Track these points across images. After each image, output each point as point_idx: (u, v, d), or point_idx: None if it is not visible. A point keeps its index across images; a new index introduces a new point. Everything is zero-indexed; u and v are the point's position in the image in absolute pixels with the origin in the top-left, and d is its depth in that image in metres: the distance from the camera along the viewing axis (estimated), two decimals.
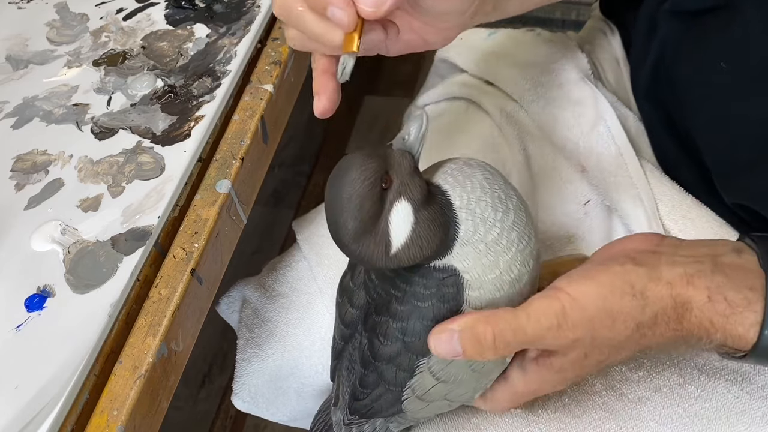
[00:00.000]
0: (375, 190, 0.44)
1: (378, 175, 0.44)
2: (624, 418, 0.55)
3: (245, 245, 0.64)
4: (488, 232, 0.47)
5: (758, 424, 0.54)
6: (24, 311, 0.52)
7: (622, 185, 0.65)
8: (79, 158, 0.60)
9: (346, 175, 0.44)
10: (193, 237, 0.55)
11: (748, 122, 0.57)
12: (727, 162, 0.60)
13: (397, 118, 0.94)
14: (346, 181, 0.44)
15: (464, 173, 0.48)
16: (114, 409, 0.48)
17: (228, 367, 1.27)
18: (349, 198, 0.44)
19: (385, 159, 0.45)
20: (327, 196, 0.45)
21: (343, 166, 0.45)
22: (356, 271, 0.52)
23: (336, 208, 0.45)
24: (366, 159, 0.44)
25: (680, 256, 0.47)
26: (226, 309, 0.75)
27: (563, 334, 0.45)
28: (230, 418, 1.20)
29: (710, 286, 0.45)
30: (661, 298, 0.45)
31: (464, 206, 0.47)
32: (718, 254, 0.47)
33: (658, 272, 0.46)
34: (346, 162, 0.45)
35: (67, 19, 0.70)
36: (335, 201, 0.44)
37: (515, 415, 0.56)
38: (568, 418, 0.55)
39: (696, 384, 0.56)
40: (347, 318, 0.52)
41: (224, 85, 0.63)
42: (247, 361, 0.69)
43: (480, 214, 0.47)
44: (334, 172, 0.45)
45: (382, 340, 0.49)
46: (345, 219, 0.44)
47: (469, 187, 0.47)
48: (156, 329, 0.51)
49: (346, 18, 0.44)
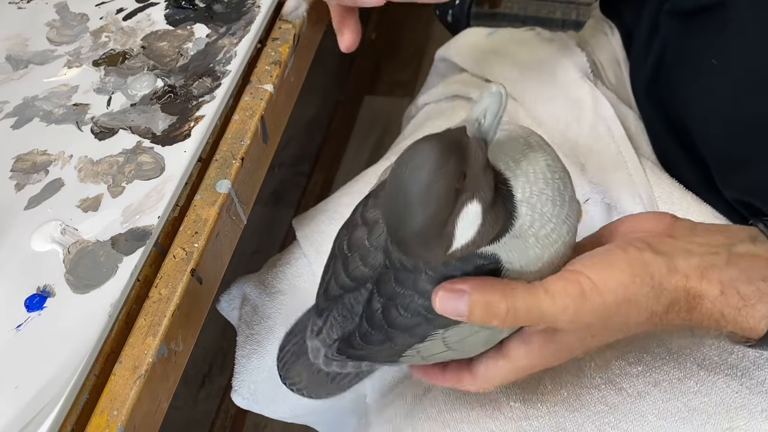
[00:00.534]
0: (451, 193, 0.40)
1: (457, 176, 0.40)
2: (623, 412, 0.55)
3: (245, 245, 0.64)
4: (543, 227, 0.44)
5: (757, 419, 0.54)
6: (24, 311, 0.52)
7: (622, 183, 0.65)
8: (79, 158, 0.60)
9: (421, 169, 0.40)
10: (193, 237, 0.55)
11: (745, 120, 0.57)
12: (726, 159, 0.61)
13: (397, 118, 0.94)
14: (420, 178, 0.40)
15: (527, 158, 0.45)
16: (114, 409, 0.48)
17: (228, 367, 1.26)
18: (420, 197, 0.40)
19: (462, 152, 0.40)
20: (393, 185, 0.41)
21: (419, 158, 0.40)
22: (375, 231, 0.48)
23: (403, 203, 0.41)
24: (446, 155, 0.40)
25: (696, 245, 0.47)
26: (226, 306, 0.75)
27: (579, 317, 0.44)
28: (230, 418, 1.20)
29: (723, 280, 0.45)
30: (675, 290, 0.45)
31: (525, 199, 0.44)
32: (733, 243, 0.47)
33: (674, 263, 0.45)
34: (423, 154, 0.40)
35: (67, 19, 0.70)
36: (404, 195, 0.40)
37: (514, 409, 0.56)
38: (567, 411, 0.55)
39: (695, 379, 0.56)
40: (355, 273, 0.49)
41: (224, 85, 0.63)
42: (247, 357, 0.69)
43: (540, 209, 0.44)
44: (406, 160, 0.40)
45: (402, 311, 0.47)
46: (412, 217, 0.41)
47: (532, 177, 0.44)
48: (156, 329, 0.51)
49: None
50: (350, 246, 0.49)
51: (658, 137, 0.69)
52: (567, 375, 0.57)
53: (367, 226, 0.49)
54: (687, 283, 0.45)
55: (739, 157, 0.59)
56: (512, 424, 0.55)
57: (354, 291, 0.50)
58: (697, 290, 0.46)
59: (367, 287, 0.50)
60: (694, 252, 0.46)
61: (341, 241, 0.51)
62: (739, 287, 0.45)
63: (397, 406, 0.61)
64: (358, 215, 0.50)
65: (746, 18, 0.55)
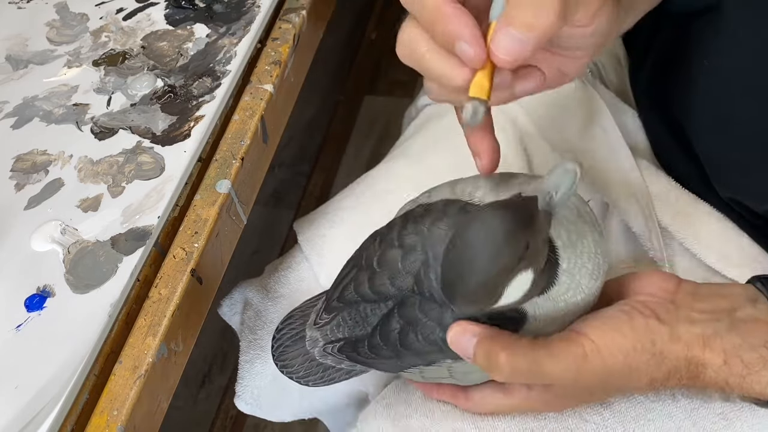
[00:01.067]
0: (514, 264, 0.41)
1: (523, 249, 0.41)
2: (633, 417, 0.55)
3: (245, 245, 0.64)
4: (575, 295, 0.47)
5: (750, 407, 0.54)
6: (24, 311, 0.52)
7: (619, 183, 0.65)
8: (79, 158, 0.60)
9: (493, 239, 0.40)
10: (193, 237, 0.55)
11: (739, 122, 0.58)
12: (721, 160, 0.61)
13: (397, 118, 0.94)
14: (491, 248, 0.40)
15: (578, 231, 0.46)
16: (114, 409, 0.48)
17: (228, 367, 1.27)
18: (487, 266, 0.41)
19: (530, 224, 0.41)
20: (461, 245, 0.41)
21: (493, 226, 0.40)
22: (410, 257, 0.49)
23: (469, 267, 0.41)
24: (519, 232, 0.40)
25: (698, 312, 0.48)
26: (227, 311, 0.75)
27: (579, 379, 0.46)
28: (230, 419, 1.20)
29: (726, 349, 0.46)
30: (677, 358, 0.47)
31: (568, 270, 0.46)
32: (735, 308, 0.48)
33: (677, 331, 0.47)
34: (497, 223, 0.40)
35: (67, 19, 0.70)
36: (469, 260, 0.41)
37: None
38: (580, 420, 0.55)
39: None
40: (380, 289, 0.51)
41: (224, 85, 0.63)
42: (250, 362, 0.69)
43: (578, 280, 0.46)
44: (480, 224, 0.41)
45: (419, 338, 0.49)
46: (473, 279, 0.41)
47: (578, 250, 0.46)
48: (156, 329, 0.51)
49: (473, 53, 0.40)
50: (380, 263, 0.51)
51: (657, 136, 0.69)
52: None
53: (402, 249, 0.50)
54: (688, 352, 0.47)
55: (731, 158, 0.60)
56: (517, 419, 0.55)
57: (372, 303, 0.52)
58: (700, 359, 0.47)
59: (387, 304, 0.51)
60: (697, 320, 0.47)
61: (371, 255, 0.52)
62: (743, 355, 0.46)
63: (398, 399, 0.61)
64: (395, 235, 0.51)
65: (737, 20, 0.55)
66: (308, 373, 0.59)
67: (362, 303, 0.52)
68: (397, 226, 0.51)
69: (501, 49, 0.40)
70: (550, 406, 0.51)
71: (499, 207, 0.41)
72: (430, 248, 0.48)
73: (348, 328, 0.53)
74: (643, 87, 0.69)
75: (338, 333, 0.54)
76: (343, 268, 0.55)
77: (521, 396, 0.51)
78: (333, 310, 0.54)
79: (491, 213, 0.41)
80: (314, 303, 0.60)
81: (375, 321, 0.51)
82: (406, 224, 0.50)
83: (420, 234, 0.49)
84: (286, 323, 0.61)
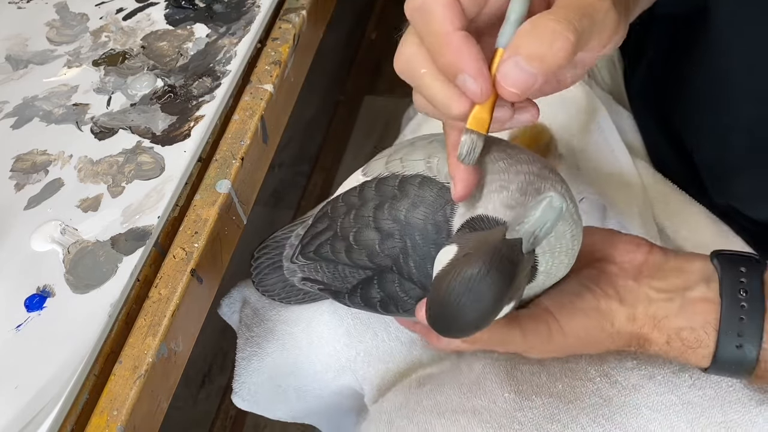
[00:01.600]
0: (499, 309, 0.42)
1: (508, 296, 0.41)
2: (617, 405, 0.55)
3: (245, 245, 0.64)
4: (550, 282, 0.49)
5: (751, 413, 0.54)
6: (24, 311, 0.52)
7: (616, 183, 0.65)
8: (79, 158, 0.60)
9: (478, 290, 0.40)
10: (193, 237, 0.55)
11: (730, 128, 0.58)
12: (713, 164, 0.61)
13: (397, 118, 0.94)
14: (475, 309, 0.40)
15: (557, 232, 0.46)
16: (114, 409, 0.48)
17: (228, 367, 1.27)
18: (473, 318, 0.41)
19: (514, 271, 0.41)
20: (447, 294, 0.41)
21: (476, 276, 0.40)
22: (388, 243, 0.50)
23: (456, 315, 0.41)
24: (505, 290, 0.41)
25: (655, 290, 0.51)
26: (227, 310, 0.75)
27: (544, 351, 0.52)
28: (230, 419, 1.20)
29: (670, 330, 0.50)
30: (630, 335, 0.51)
31: (545, 271, 0.47)
32: (689, 286, 0.51)
33: (635, 312, 0.51)
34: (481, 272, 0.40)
35: (67, 19, 0.70)
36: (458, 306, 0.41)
37: (509, 400, 0.56)
38: (562, 403, 0.56)
39: (690, 372, 0.56)
40: (358, 262, 0.52)
41: (224, 85, 0.63)
42: (247, 359, 0.70)
43: (554, 274, 0.48)
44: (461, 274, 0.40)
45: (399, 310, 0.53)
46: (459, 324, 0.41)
47: (557, 252, 0.47)
48: (156, 329, 0.51)
49: (477, 88, 0.38)
50: (358, 241, 0.52)
51: (651, 137, 0.69)
52: (562, 367, 0.57)
53: (379, 233, 0.50)
54: (640, 330, 0.51)
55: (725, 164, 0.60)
56: (507, 415, 0.55)
57: (351, 267, 0.53)
58: (647, 336, 0.51)
59: (365, 271, 0.52)
60: (653, 299, 0.51)
61: (346, 227, 0.53)
62: (683, 335, 0.50)
63: (392, 400, 0.61)
64: (371, 216, 0.51)
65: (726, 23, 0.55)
66: (289, 295, 0.64)
67: (340, 264, 0.54)
68: (371, 204, 0.51)
69: (508, 80, 0.38)
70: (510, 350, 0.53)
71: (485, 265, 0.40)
72: (408, 237, 0.49)
73: (326, 277, 0.56)
74: (637, 88, 0.69)
75: (317, 276, 0.57)
76: (317, 222, 0.56)
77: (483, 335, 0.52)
78: (310, 259, 0.56)
79: (480, 275, 0.40)
80: (287, 236, 0.62)
81: (354, 281, 0.53)
82: (381, 205, 0.51)
83: (397, 222, 0.50)
84: (263, 252, 0.64)
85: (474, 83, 0.39)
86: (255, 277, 0.64)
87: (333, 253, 0.54)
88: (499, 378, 0.57)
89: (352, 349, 0.65)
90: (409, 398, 0.60)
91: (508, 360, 0.59)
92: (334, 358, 0.66)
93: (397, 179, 0.51)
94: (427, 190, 0.49)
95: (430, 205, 0.49)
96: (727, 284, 0.49)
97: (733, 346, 0.49)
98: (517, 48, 0.37)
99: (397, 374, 0.64)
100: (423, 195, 0.49)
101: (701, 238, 0.63)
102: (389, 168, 0.52)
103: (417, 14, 0.40)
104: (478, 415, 0.56)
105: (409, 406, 0.59)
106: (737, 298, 0.49)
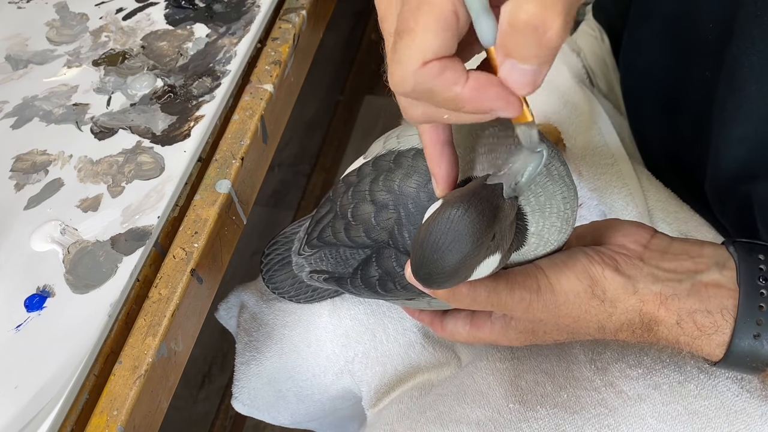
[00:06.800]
0: (482, 257, 0.42)
1: (488, 240, 0.42)
2: (623, 415, 0.55)
3: (245, 245, 0.65)
4: (544, 249, 0.48)
5: (757, 423, 0.54)
6: (24, 311, 0.52)
7: (616, 188, 0.65)
8: (79, 158, 0.60)
9: (458, 240, 0.41)
10: (193, 237, 0.55)
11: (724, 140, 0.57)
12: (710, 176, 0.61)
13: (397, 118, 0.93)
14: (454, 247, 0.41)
15: (546, 192, 0.46)
16: (114, 409, 0.48)
17: (228, 368, 1.27)
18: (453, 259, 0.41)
19: (496, 215, 0.41)
20: (427, 235, 0.41)
21: (459, 228, 0.40)
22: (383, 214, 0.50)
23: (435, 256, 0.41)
24: (484, 230, 0.41)
25: (662, 271, 0.49)
26: (224, 315, 0.75)
27: (531, 309, 0.48)
28: (230, 419, 1.20)
29: (681, 310, 0.48)
30: (628, 311, 0.48)
31: (537, 232, 0.47)
32: (700, 270, 0.49)
33: (634, 285, 0.48)
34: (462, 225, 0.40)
35: (67, 18, 0.70)
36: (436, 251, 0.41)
37: (513, 411, 0.56)
38: (567, 414, 0.55)
39: (696, 382, 0.56)
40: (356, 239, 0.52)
41: (224, 84, 0.63)
42: (246, 364, 0.70)
43: (547, 237, 0.47)
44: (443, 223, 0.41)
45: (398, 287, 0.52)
46: (441, 268, 0.42)
47: (547, 212, 0.46)
48: (156, 329, 0.51)
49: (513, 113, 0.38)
50: (355, 216, 0.52)
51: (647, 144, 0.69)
52: (566, 377, 0.57)
53: (374, 205, 0.51)
54: (643, 306, 0.48)
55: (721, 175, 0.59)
56: (512, 426, 0.55)
57: (351, 248, 0.53)
58: (654, 315, 0.48)
59: (365, 250, 0.53)
60: (659, 278, 0.48)
61: (345, 205, 0.53)
62: (697, 318, 0.47)
63: (395, 409, 0.61)
64: (366, 189, 0.52)
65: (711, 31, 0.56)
66: (298, 293, 0.64)
67: (341, 246, 0.54)
68: (368, 179, 0.52)
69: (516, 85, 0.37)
70: (511, 340, 0.52)
71: (464, 204, 0.41)
72: (402, 207, 0.49)
73: (330, 265, 0.56)
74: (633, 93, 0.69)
75: (322, 265, 0.57)
76: (320, 207, 0.57)
77: (485, 329, 0.52)
78: (314, 247, 0.57)
79: (457, 214, 0.41)
80: (296, 230, 0.63)
81: (355, 263, 0.54)
82: (377, 178, 0.51)
83: (391, 192, 0.50)
84: (272, 248, 0.65)
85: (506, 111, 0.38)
86: (265, 274, 0.64)
87: (334, 234, 0.54)
88: (503, 388, 0.57)
89: (350, 350, 0.65)
90: (412, 408, 0.60)
91: (512, 369, 0.58)
92: (332, 361, 0.66)
93: (393, 155, 0.51)
94: (420, 160, 0.49)
95: (423, 174, 0.49)
96: (745, 271, 0.48)
97: (751, 336, 0.47)
98: (508, 51, 0.36)
99: (395, 377, 0.64)
100: (416, 165, 0.50)
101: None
102: (386, 146, 0.53)
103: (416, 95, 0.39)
104: (482, 427, 0.56)
105: (412, 416, 0.59)
106: (756, 285, 0.47)
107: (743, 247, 0.49)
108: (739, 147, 0.56)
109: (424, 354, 0.64)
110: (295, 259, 0.61)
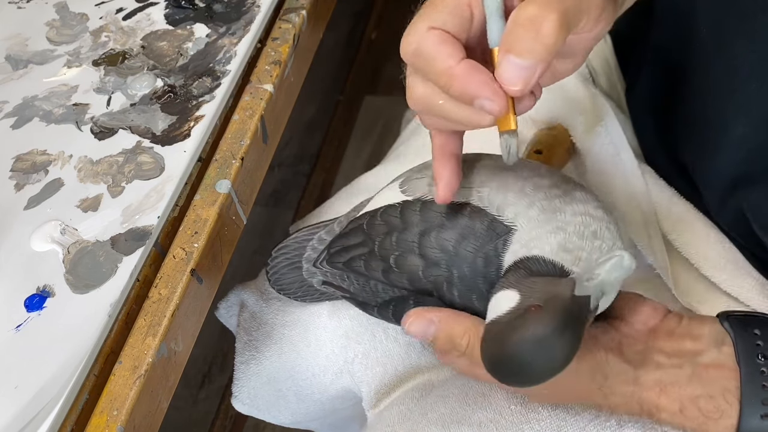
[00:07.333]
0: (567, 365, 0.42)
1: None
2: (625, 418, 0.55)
3: (245, 245, 0.65)
4: None
5: None
6: (24, 311, 0.52)
7: (620, 187, 0.65)
8: (79, 158, 0.60)
9: (552, 348, 0.41)
10: (193, 237, 0.55)
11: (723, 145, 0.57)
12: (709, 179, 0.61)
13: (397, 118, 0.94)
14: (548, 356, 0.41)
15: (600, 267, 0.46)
16: (114, 409, 0.48)
17: (228, 368, 1.27)
18: (543, 377, 0.42)
19: (584, 324, 0.42)
20: (516, 354, 0.42)
21: (547, 336, 0.41)
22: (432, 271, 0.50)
23: (520, 372, 0.42)
24: (577, 341, 0.41)
25: (664, 355, 0.49)
26: (224, 314, 0.75)
27: None
28: (230, 419, 1.20)
29: (683, 397, 0.47)
30: (628, 397, 0.48)
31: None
32: (700, 351, 0.48)
33: (637, 374, 0.48)
34: (557, 331, 0.41)
35: (67, 18, 0.70)
36: (522, 366, 0.42)
37: (515, 413, 0.56)
38: (569, 415, 0.55)
39: None
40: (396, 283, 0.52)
41: (224, 84, 0.63)
42: (245, 363, 0.69)
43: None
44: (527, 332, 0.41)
45: None
46: (524, 381, 0.43)
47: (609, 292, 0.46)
48: (156, 329, 0.51)
49: (497, 107, 0.40)
50: (399, 266, 0.52)
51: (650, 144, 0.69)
52: None
53: (424, 260, 0.50)
54: (642, 393, 0.48)
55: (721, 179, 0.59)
56: (513, 427, 0.55)
57: (384, 284, 0.53)
58: (654, 402, 0.48)
59: (401, 291, 0.52)
60: (661, 365, 0.48)
61: (387, 249, 0.52)
62: (701, 404, 0.47)
63: (395, 411, 0.61)
64: (416, 242, 0.51)
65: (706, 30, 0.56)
66: (305, 294, 0.63)
67: (372, 280, 0.54)
68: (415, 229, 0.51)
69: (508, 80, 0.39)
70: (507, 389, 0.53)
71: (558, 326, 0.41)
72: (456, 268, 0.49)
73: (354, 288, 0.56)
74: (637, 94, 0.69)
75: (342, 284, 0.57)
76: (349, 234, 0.56)
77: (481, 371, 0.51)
78: (338, 269, 0.56)
79: (553, 339, 0.41)
80: (309, 237, 0.62)
81: (386, 297, 0.53)
82: (427, 232, 0.50)
83: (445, 252, 0.49)
84: (281, 251, 0.64)
85: (492, 103, 0.40)
86: (271, 276, 0.64)
87: (367, 269, 0.53)
88: (504, 389, 0.57)
89: (350, 350, 0.65)
90: (413, 409, 0.59)
91: None
92: (331, 361, 0.66)
93: (445, 207, 0.50)
94: (477, 222, 0.49)
95: (480, 238, 0.48)
96: (743, 349, 0.47)
97: (758, 416, 0.46)
98: (507, 46, 0.39)
99: (395, 378, 0.64)
100: (473, 227, 0.49)
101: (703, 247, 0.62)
102: (430, 185, 0.52)
103: (416, 59, 0.42)
104: (483, 428, 0.56)
105: (414, 418, 0.58)
106: (756, 364, 0.46)
107: (738, 323, 0.49)
108: (739, 149, 0.56)
109: (424, 354, 0.64)
110: (307, 266, 0.60)
